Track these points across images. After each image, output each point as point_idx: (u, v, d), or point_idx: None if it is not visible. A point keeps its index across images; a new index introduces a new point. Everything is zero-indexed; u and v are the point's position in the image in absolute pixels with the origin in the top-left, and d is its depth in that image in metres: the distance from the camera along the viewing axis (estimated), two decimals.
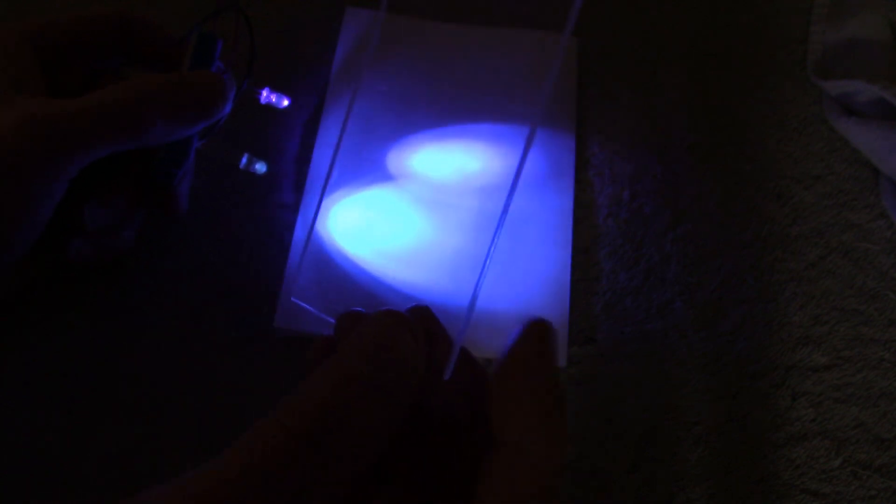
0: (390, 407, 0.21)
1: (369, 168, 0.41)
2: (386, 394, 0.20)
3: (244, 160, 0.36)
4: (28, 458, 0.33)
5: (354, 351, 0.21)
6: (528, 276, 0.39)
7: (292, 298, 0.35)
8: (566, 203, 0.41)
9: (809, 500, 0.36)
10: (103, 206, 0.32)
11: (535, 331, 0.23)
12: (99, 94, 0.28)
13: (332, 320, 0.27)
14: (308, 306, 0.33)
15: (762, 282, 0.40)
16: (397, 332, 0.22)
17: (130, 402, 0.35)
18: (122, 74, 0.34)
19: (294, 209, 0.40)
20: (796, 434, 0.37)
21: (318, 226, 0.39)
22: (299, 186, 0.40)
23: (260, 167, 0.37)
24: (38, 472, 0.33)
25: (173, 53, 0.33)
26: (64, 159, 0.27)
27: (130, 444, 0.34)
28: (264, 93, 0.37)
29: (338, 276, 0.38)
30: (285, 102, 0.37)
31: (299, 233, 0.39)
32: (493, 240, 0.27)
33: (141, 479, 0.34)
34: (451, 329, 0.37)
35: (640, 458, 0.36)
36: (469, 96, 0.43)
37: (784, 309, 0.40)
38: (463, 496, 0.21)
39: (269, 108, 0.37)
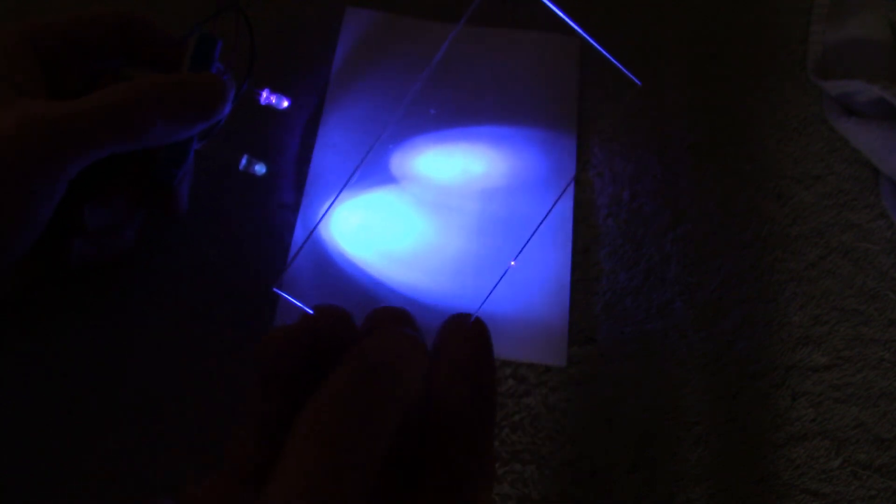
0: (391, 421, 0.21)
1: (371, 170, 0.41)
2: (389, 411, 0.21)
3: (244, 161, 0.36)
4: (28, 458, 0.33)
5: (361, 369, 0.22)
6: (528, 277, 0.39)
7: (273, 289, 0.34)
8: (566, 204, 0.41)
9: (809, 500, 0.36)
10: (103, 206, 0.32)
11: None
12: (99, 95, 0.28)
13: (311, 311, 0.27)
14: (292, 298, 0.33)
15: (762, 282, 0.40)
16: (403, 350, 0.23)
17: (130, 402, 0.35)
18: (123, 75, 0.34)
19: (294, 209, 0.40)
20: (796, 434, 0.37)
21: (320, 227, 0.39)
22: (299, 186, 0.40)
23: (259, 168, 0.37)
24: (38, 472, 0.33)
25: (173, 54, 0.33)
26: (64, 160, 0.27)
27: (130, 444, 0.34)
28: (264, 94, 0.36)
29: (339, 278, 0.38)
30: (285, 103, 0.37)
31: (299, 233, 0.39)
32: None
33: (141, 478, 0.34)
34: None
35: (640, 458, 0.36)
36: (470, 97, 0.43)
37: (784, 309, 0.40)
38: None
39: (269, 108, 0.37)
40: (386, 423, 0.21)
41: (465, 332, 0.26)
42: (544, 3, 0.31)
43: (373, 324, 0.27)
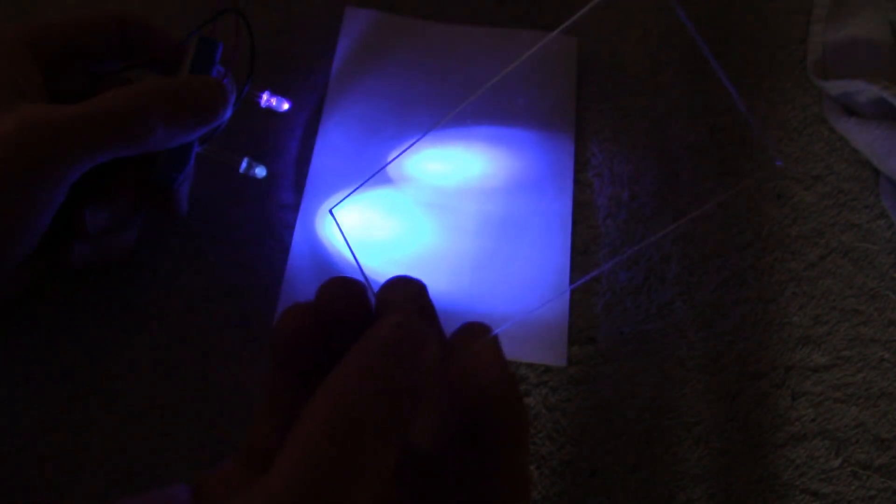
0: (410, 407, 0.19)
1: (370, 170, 0.41)
2: (407, 395, 0.19)
3: (244, 164, 0.36)
4: (28, 458, 0.33)
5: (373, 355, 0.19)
6: (527, 277, 0.39)
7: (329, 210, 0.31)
8: (565, 204, 0.41)
9: (809, 500, 0.36)
10: (104, 208, 0.32)
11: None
12: (100, 99, 0.28)
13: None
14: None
15: (762, 282, 0.40)
16: (416, 336, 0.20)
17: (130, 401, 0.35)
18: (124, 78, 0.34)
19: (294, 209, 0.40)
20: (796, 434, 0.37)
21: (318, 228, 0.39)
22: (299, 187, 0.40)
23: (260, 171, 0.37)
24: (39, 472, 0.33)
25: (173, 56, 0.33)
26: (65, 165, 0.27)
27: (130, 444, 0.34)
28: (265, 96, 0.36)
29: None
30: (285, 106, 0.37)
31: (299, 233, 0.39)
32: None
33: (141, 479, 0.34)
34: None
35: (640, 458, 0.36)
36: (469, 97, 0.43)
37: (784, 309, 0.40)
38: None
39: (270, 111, 0.37)
40: (400, 414, 0.18)
41: (490, 341, 0.23)
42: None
43: (387, 299, 0.25)
